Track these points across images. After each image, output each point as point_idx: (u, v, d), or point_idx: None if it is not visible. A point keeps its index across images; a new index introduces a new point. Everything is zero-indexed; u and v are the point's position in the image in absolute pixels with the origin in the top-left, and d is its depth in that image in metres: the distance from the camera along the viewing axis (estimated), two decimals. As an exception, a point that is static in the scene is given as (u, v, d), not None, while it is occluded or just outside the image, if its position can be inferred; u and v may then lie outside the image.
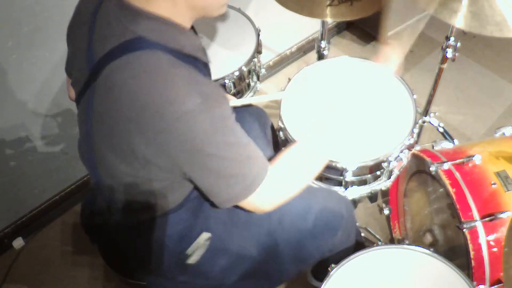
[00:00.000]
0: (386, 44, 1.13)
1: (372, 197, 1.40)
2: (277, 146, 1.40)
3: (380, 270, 1.06)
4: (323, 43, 1.61)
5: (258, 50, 1.53)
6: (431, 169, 1.22)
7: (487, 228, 1.11)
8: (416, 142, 1.79)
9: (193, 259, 1.03)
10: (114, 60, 0.79)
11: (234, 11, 1.66)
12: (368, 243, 1.71)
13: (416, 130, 1.26)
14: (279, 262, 1.13)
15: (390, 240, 1.72)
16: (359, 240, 1.35)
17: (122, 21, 0.81)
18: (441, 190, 1.29)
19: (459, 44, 1.44)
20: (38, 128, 1.64)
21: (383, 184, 1.29)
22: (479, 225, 1.11)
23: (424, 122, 1.72)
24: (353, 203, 1.65)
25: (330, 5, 1.34)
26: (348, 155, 1.20)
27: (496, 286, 1.12)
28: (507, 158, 1.21)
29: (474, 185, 1.17)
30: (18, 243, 1.82)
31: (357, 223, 1.70)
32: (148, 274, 1.11)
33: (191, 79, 0.80)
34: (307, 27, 2.34)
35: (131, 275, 1.16)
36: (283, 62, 2.36)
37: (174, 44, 0.81)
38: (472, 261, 1.11)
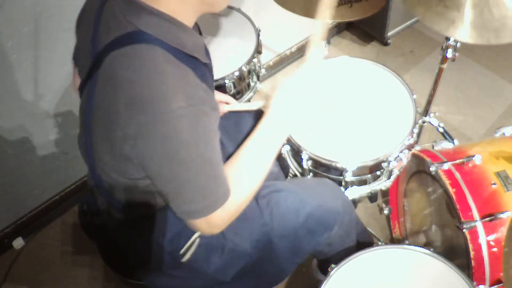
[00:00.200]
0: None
1: (372, 197, 1.40)
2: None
3: (380, 270, 1.06)
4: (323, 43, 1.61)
5: (258, 50, 1.53)
6: (431, 169, 1.22)
7: (487, 228, 1.11)
8: (416, 142, 1.78)
9: (187, 257, 1.03)
10: (114, 51, 0.80)
11: (234, 11, 1.66)
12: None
13: (416, 130, 1.27)
14: (275, 257, 1.12)
15: (390, 240, 1.72)
16: (367, 241, 1.34)
17: (126, 14, 0.81)
18: (441, 190, 1.29)
19: (459, 44, 1.44)
20: (38, 128, 1.64)
21: (383, 184, 1.29)
22: (479, 225, 1.11)
23: (424, 122, 1.72)
24: (353, 203, 1.66)
25: (330, 5, 1.34)
26: (348, 155, 1.20)
27: (496, 286, 1.12)
28: (507, 158, 1.21)
29: (474, 185, 1.17)
30: (18, 243, 1.82)
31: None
32: (148, 273, 1.10)
33: (184, 80, 0.80)
34: (307, 27, 2.34)
35: (131, 275, 1.16)
36: (283, 62, 2.36)
37: (175, 42, 0.82)
38: (472, 261, 1.11)
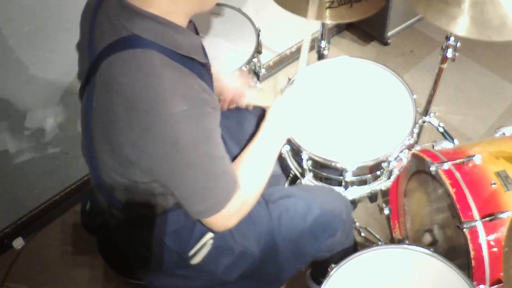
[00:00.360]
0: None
1: (372, 197, 1.40)
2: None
3: (380, 270, 1.06)
4: (323, 43, 1.61)
5: (258, 50, 1.53)
6: (431, 169, 1.22)
7: (487, 228, 1.11)
8: (416, 142, 1.79)
9: (197, 259, 1.03)
10: (110, 56, 0.79)
11: (234, 11, 1.66)
12: (368, 243, 1.71)
13: (416, 130, 1.26)
14: (278, 261, 1.13)
15: (390, 240, 1.72)
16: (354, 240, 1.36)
17: (120, 19, 0.81)
18: (441, 190, 1.29)
19: (459, 44, 1.44)
20: (38, 128, 1.64)
21: (383, 184, 1.29)
22: (479, 225, 1.11)
23: (424, 122, 1.72)
24: (353, 203, 1.66)
25: (329, 7, 1.34)
26: (348, 155, 1.20)
27: (496, 286, 1.12)
28: (507, 158, 1.22)
29: (474, 185, 1.17)
30: (18, 243, 1.82)
31: (357, 223, 1.72)
32: (148, 273, 1.10)
33: (183, 82, 0.80)
34: (307, 27, 2.34)
35: (131, 275, 1.16)
36: (283, 62, 2.36)
37: (170, 44, 0.81)
38: (472, 261, 1.11)
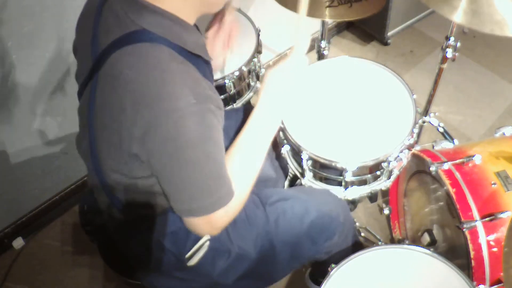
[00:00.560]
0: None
1: (372, 197, 1.40)
2: (276, 145, 1.40)
3: (380, 270, 1.06)
4: (323, 43, 1.61)
5: (258, 50, 1.53)
6: (431, 169, 1.22)
7: (487, 228, 1.11)
8: (416, 142, 1.79)
9: (193, 261, 1.03)
10: (117, 51, 0.79)
11: (234, 11, 1.66)
12: (368, 243, 1.71)
13: (416, 130, 1.26)
14: (275, 262, 1.14)
15: (390, 240, 1.72)
16: (357, 241, 1.36)
17: (128, 13, 0.81)
18: (441, 190, 1.29)
19: (459, 44, 1.44)
20: (38, 128, 1.64)
21: (383, 184, 1.29)
22: (479, 225, 1.11)
23: (424, 122, 1.72)
24: (353, 203, 1.66)
25: (329, 6, 1.34)
26: (348, 155, 1.20)
27: (496, 286, 1.12)
28: (507, 158, 1.22)
29: (474, 185, 1.17)
30: (18, 243, 1.82)
31: (357, 223, 1.72)
32: (148, 274, 1.10)
33: (190, 77, 0.80)
34: (307, 27, 2.34)
35: (131, 275, 1.16)
36: (283, 62, 2.36)
37: (178, 40, 0.81)
38: (472, 261, 1.11)
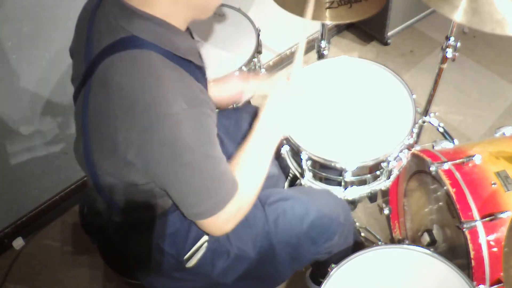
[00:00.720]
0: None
1: (372, 197, 1.40)
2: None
3: (380, 270, 1.06)
4: (323, 43, 1.61)
5: (258, 50, 1.53)
6: (431, 169, 1.22)
7: (487, 228, 1.11)
8: (416, 142, 1.79)
9: (192, 262, 1.03)
10: (108, 57, 0.79)
11: (234, 11, 1.66)
12: (368, 243, 1.71)
13: (415, 130, 1.26)
14: (275, 263, 1.13)
15: (390, 240, 1.72)
16: (358, 240, 1.36)
17: (118, 19, 0.81)
18: (441, 190, 1.29)
19: (459, 44, 1.44)
20: (38, 128, 1.64)
21: (382, 184, 1.29)
22: (479, 225, 1.11)
23: (424, 122, 1.72)
24: (353, 203, 1.66)
25: (329, 7, 1.34)
26: (347, 155, 1.20)
27: (496, 286, 1.11)
28: (507, 158, 1.21)
29: (474, 185, 1.17)
30: (18, 243, 1.82)
31: (357, 223, 1.72)
32: (148, 274, 1.10)
33: (182, 82, 0.80)
34: (307, 27, 2.34)
35: (131, 275, 1.16)
36: (283, 62, 2.36)
37: (168, 45, 0.81)
38: (472, 261, 1.11)
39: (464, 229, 1.11)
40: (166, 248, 1.02)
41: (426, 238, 1.37)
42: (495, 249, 1.11)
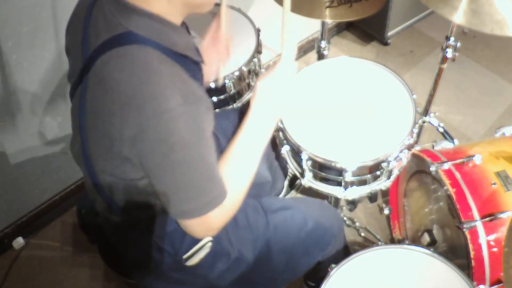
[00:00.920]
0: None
1: (372, 197, 1.40)
2: (275, 145, 1.40)
3: (380, 270, 1.06)
4: (323, 43, 1.61)
5: (258, 50, 1.53)
6: (431, 169, 1.22)
7: (487, 228, 1.11)
8: (416, 142, 1.79)
9: (193, 261, 1.03)
10: (105, 53, 0.79)
11: (234, 11, 1.66)
12: (368, 243, 1.71)
13: (416, 130, 1.26)
14: (271, 270, 1.14)
15: (390, 240, 1.72)
16: (347, 246, 1.38)
17: (115, 15, 0.81)
18: (441, 190, 1.29)
19: (459, 44, 1.44)
20: (38, 128, 1.64)
21: (382, 184, 1.29)
22: (479, 225, 1.11)
23: (424, 122, 1.72)
24: (353, 203, 1.66)
25: (329, 6, 1.34)
26: (347, 155, 1.20)
27: (496, 286, 1.12)
28: (507, 158, 1.22)
29: (474, 185, 1.17)
30: (18, 243, 1.82)
31: (357, 223, 1.72)
32: (147, 274, 1.10)
33: (179, 78, 0.80)
34: (307, 27, 2.34)
35: (130, 275, 1.16)
36: (283, 62, 2.36)
37: (165, 41, 0.82)
38: (472, 261, 1.11)
39: (464, 229, 1.11)
40: (165, 247, 1.01)
41: (426, 238, 1.37)
42: (495, 249, 1.11)
